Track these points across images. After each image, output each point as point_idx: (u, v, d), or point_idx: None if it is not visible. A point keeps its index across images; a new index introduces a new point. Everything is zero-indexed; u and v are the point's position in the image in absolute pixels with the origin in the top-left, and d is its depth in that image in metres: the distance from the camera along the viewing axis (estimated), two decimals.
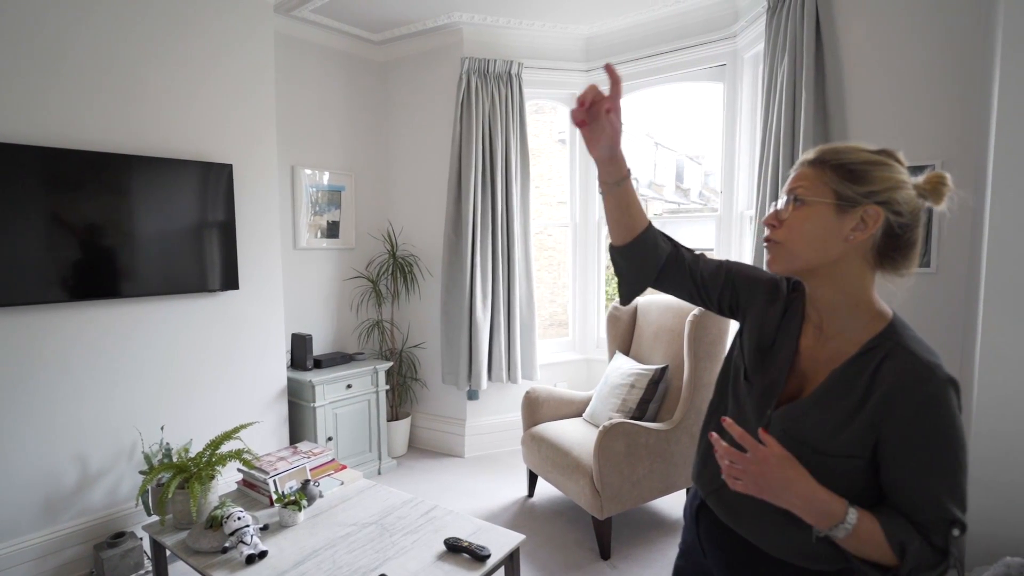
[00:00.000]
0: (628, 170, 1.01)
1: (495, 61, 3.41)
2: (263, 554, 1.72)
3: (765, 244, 0.93)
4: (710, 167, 16.06)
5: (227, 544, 1.75)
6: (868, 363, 0.84)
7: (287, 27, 3.27)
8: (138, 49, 2.47)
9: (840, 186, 0.84)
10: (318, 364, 3.29)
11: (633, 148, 12.34)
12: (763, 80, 2.66)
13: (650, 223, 1.05)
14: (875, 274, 0.88)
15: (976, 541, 1.79)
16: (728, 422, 0.87)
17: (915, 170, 2.15)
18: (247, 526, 1.77)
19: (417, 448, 3.84)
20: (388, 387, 3.50)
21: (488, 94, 3.41)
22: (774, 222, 0.91)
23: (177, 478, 1.93)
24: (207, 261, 2.70)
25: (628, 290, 1.09)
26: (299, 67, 3.40)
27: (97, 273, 2.37)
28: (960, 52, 2.10)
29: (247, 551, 1.70)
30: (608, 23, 3.47)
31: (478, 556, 1.68)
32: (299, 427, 3.16)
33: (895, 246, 0.85)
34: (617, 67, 3.64)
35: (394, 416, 3.70)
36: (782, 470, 0.81)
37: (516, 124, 3.48)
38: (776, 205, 0.92)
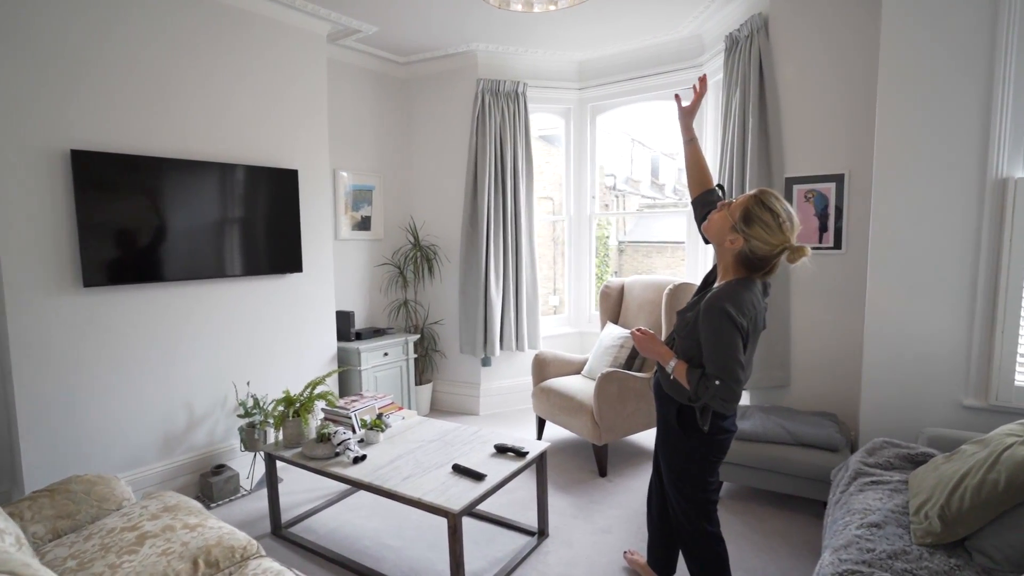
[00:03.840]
0: (694, 135, 1.88)
1: (504, 82, 4.08)
2: (364, 457, 2.39)
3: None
4: (684, 163, 16.86)
5: (336, 451, 2.41)
6: (704, 297, 1.62)
7: (330, 52, 3.87)
8: (224, 78, 3.07)
9: (738, 219, 1.57)
10: (358, 336, 3.93)
11: (613, 146, 13.09)
12: (722, 105, 3.39)
13: (712, 188, 1.86)
14: (741, 267, 1.61)
15: (867, 433, 2.56)
16: (633, 330, 1.76)
17: (831, 177, 2.93)
18: (350, 438, 2.44)
19: (438, 409, 4.52)
20: (415, 356, 4.16)
21: (499, 109, 4.09)
22: (718, 207, 1.67)
23: (289, 409, 2.58)
24: (280, 248, 3.33)
25: (698, 225, 1.85)
26: (338, 84, 4.01)
27: (200, 258, 2.98)
28: (861, 91, 2.85)
29: (352, 455, 2.37)
30: (597, 51, 4.17)
31: (520, 453, 2.38)
32: (346, 388, 3.81)
33: (749, 263, 1.59)
34: (602, 87, 4.41)
35: (418, 382, 4.36)
36: (648, 341, 1.71)
37: (522, 134, 4.17)
38: (725, 201, 1.67)
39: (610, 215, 11.21)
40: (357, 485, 2.25)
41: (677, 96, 1.95)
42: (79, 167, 2.54)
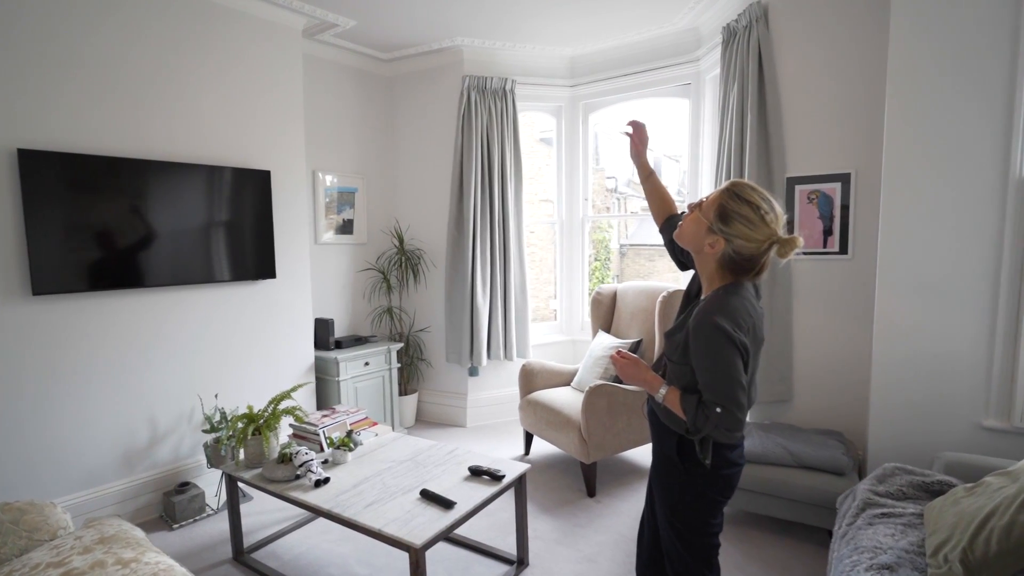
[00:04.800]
0: (652, 170, 1.70)
1: (492, 78, 3.90)
2: (327, 480, 2.20)
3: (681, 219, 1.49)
4: (688, 165, 16.71)
5: (298, 473, 2.22)
6: (692, 311, 1.41)
7: (308, 47, 3.70)
8: (192, 73, 2.90)
9: (714, 219, 1.36)
10: (338, 345, 3.75)
11: (613, 148, 12.88)
12: (719, 101, 3.20)
13: (678, 213, 1.65)
14: (727, 272, 1.39)
15: (876, 455, 2.35)
16: (612, 354, 1.55)
17: (836, 177, 2.71)
18: (313, 459, 2.25)
19: (424, 420, 4.33)
20: (399, 365, 3.98)
21: (486, 107, 3.90)
22: (689, 209, 1.45)
23: (250, 427, 2.40)
24: (250, 254, 3.15)
25: (672, 257, 1.68)
26: (317, 81, 3.84)
27: (164, 264, 2.81)
28: (867, 85, 2.65)
29: (315, 477, 2.18)
30: (589, 46, 3.99)
31: (496, 476, 2.19)
32: (325, 399, 3.63)
33: (734, 266, 1.37)
34: (594, 84, 4.18)
35: (403, 392, 4.17)
36: (631, 366, 1.49)
37: (510, 133, 3.98)
38: (699, 200, 1.45)
39: (610, 218, 11.00)
40: (316, 512, 2.06)
41: (628, 132, 1.74)
42: (27, 167, 2.36)
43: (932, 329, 2.25)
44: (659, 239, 1.74)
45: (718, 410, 1.31)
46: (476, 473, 2.23)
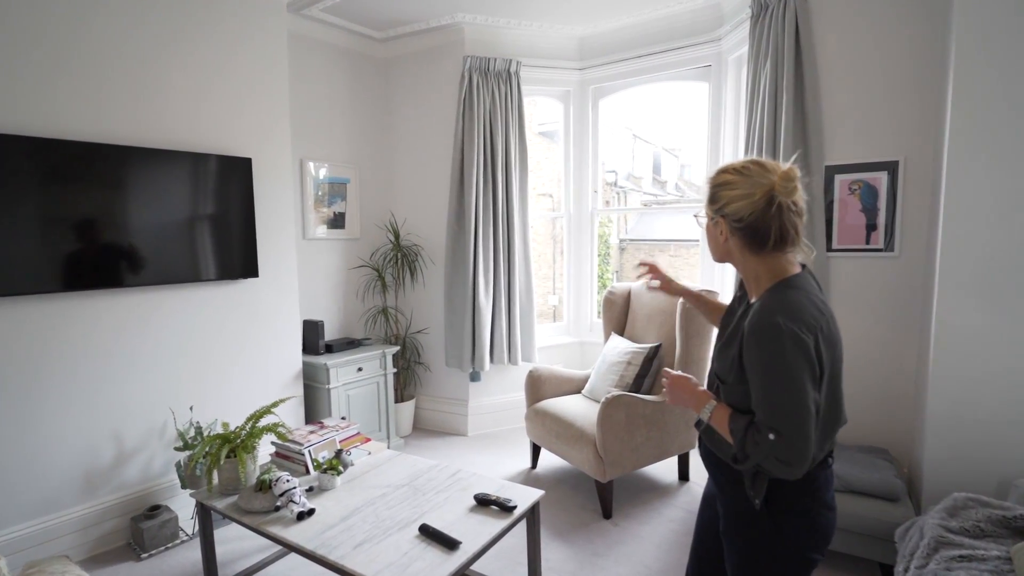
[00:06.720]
0: (696, 292, 1.48)
1: (495, 60, 3.60)
2: (311, 511, 1.91)
3: None
4: (686, 159, 16.49)
5: (278, 504, 1.93)
6: (744, 316, 1.20)
7: (294, 24, 3.39)
8: (162, 49, 2.59)
9: (708, 208, 1.24)
10: (329, 349, 3.45)
11: (614, 142, 12.59)
12: (747, 82, 2.91)
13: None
14: (762, 256, 1.19)
15: (934, 481, 2.08)
16: (662, 373, 1.35)
17: (882, 165, 2.42)
18: (295, 487, 1.95)
19: (421, 428, 4.04)
20: (395, 370, 3.69)
21: (488, 91, 3.60)
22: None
23: (224, 448, 2.10)
24: (229, 251, 2.85)
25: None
26: (305, 63, 3.52)
27: (129, 261, 2.50)
28: (919, 63, 2.37)
29: (297, 509, 1.89)
30: (600, 24, 3.68)
31: (505, 507, 1.90)
32: (313, 408, 3.33)
33: (748, 237, 1.17)
34: (605, 67, 3.86)
35: (399, 398, 3.88)
36: (678, 388, 1.28)
37: (515, 120, 3.68)
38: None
39: (612, 212, 10.73)
40: (298, 551, 1.77)
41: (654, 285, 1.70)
42: None
43: (1000, 337, 1.98)
44: (659, 234, 1.55)
45: (771, 436, 1.06)
46: (483, 503, 1.94)
